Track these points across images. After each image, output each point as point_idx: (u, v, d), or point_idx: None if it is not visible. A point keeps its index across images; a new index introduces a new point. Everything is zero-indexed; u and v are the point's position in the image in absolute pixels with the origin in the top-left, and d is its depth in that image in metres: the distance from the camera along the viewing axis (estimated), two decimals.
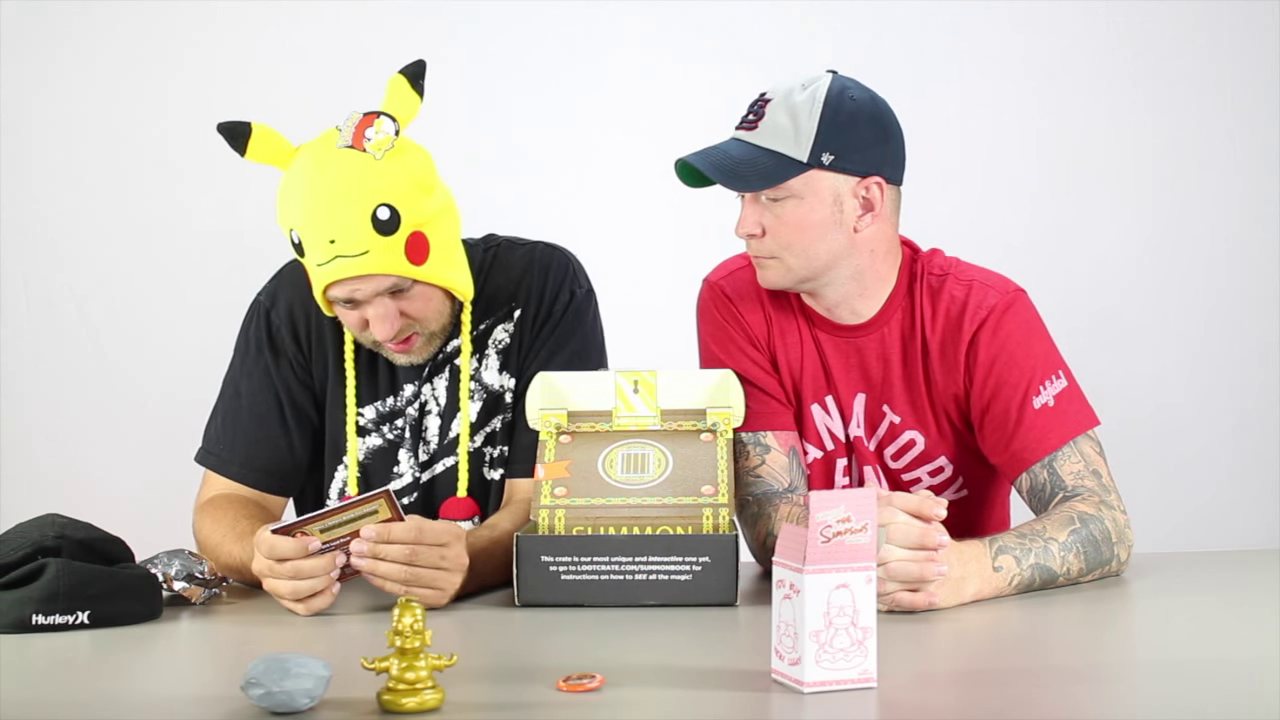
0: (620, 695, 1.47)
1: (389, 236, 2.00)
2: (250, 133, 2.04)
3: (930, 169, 3.37)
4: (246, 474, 2.17)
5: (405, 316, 2.07)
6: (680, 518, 1.92)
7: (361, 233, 1.99)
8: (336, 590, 1.87)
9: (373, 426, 2.18)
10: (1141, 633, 1.87)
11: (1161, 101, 3.63)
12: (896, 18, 3.59)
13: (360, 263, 2.00)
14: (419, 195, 2.04)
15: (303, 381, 2.19)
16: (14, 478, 3.47)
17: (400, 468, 2.19)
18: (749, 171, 2.03)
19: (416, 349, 2.12)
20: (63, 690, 1.57)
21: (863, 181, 2.05)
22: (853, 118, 2.03)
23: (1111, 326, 3.61)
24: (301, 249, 2.04)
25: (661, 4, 3.59)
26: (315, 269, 2.03)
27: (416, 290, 2.07)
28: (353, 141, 2.01)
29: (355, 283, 2.02)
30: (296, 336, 2.19)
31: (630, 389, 2.07)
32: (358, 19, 3.50)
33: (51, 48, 3.49)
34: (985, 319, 2.08)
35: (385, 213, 2.00)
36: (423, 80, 2.07)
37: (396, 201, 2.01)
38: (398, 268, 2.02)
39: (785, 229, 2.05)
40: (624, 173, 3.57)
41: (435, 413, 2.18)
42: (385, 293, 2.04)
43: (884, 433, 2.15)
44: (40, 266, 3.51)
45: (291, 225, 2.04)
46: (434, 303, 2.10)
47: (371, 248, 2.00)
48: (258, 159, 2.06)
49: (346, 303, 2.06)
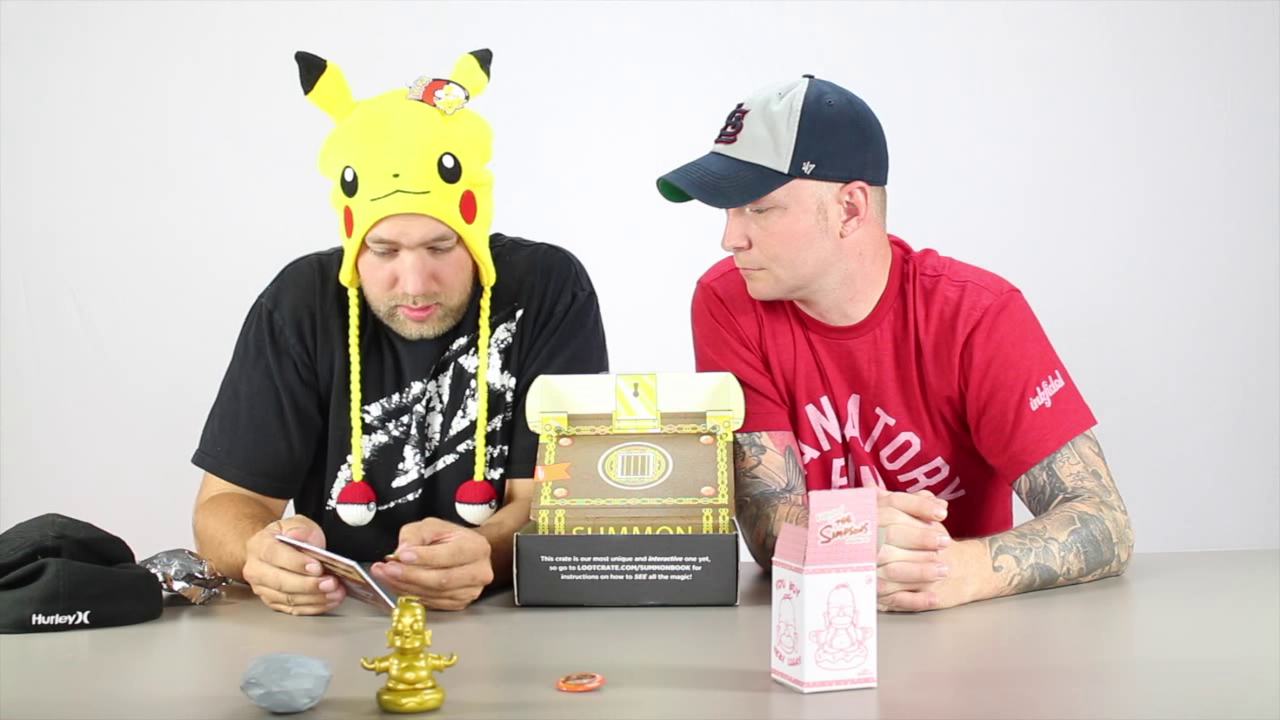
0: (620, 695, 1.47)
1: (450, 185, 2.03)
2: (324, 70, 2.07)
3: (927, 169, 3.40)
4: (245, 477, 2.17)
5: (434, 281, 2.07)
6: (680, 518, 1.92)
7: (426, 173, 2.02)
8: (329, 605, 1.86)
9: (378, 424, 2.18)
10: (1141, 633, 1.87)
11: (1158, 101, 3.63)
12: (895, 18, 3.59)
13: (420, 201, 2.01)
14: (479, 159, 2.09)
15: (306, 382, 2.19)
16: (14, 478, 3.47)
17: (405, 464, 2.19)
18: (730, 187, 2.02)
19: (432, 322, 2.11)
20: (63, 690, 1.57)
21: (846, 187, 2.04)
22: (831, 124, 2.02)
23: (1110, 326, 3.61)
24: (355, 185, 2.03)
25: (661, 5, 3.59)
26: (369, 204, 2.02)
27: (454, 255, 2.08)
28: (423, 97, 2.05)
29: (408, 221, 2.02)
30: (301, 336, 2.18)
31: (630, 392, 2.07)
32: (358, 23, 3.50)
33: (52, 49, 3.49)
34: (980, 320, 2.08)
35: (450, 161, 2.03)
36: (489, 65, 2.14)
37: (461, 155, 2.05)
38: (452, 218, 2.04)
39: (771, 240, 2.04)
40: (623, 174, 3.56)
41: (438, 410, 2.18)
42: (428, 244, 2.04)
43: (879, 434, 2.15)
44: (40, 266, 3.51)
45: (347, 162, 2.04)
46: (463, 275, 2.10)
47: (433, 189, 2.02)
48: (319, 101, 2.08)
49: (386, 251, 2.05)
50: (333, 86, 2.07)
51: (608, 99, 3.60)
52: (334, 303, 2.18)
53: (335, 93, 2.07)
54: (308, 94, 2.08)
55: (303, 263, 2.23)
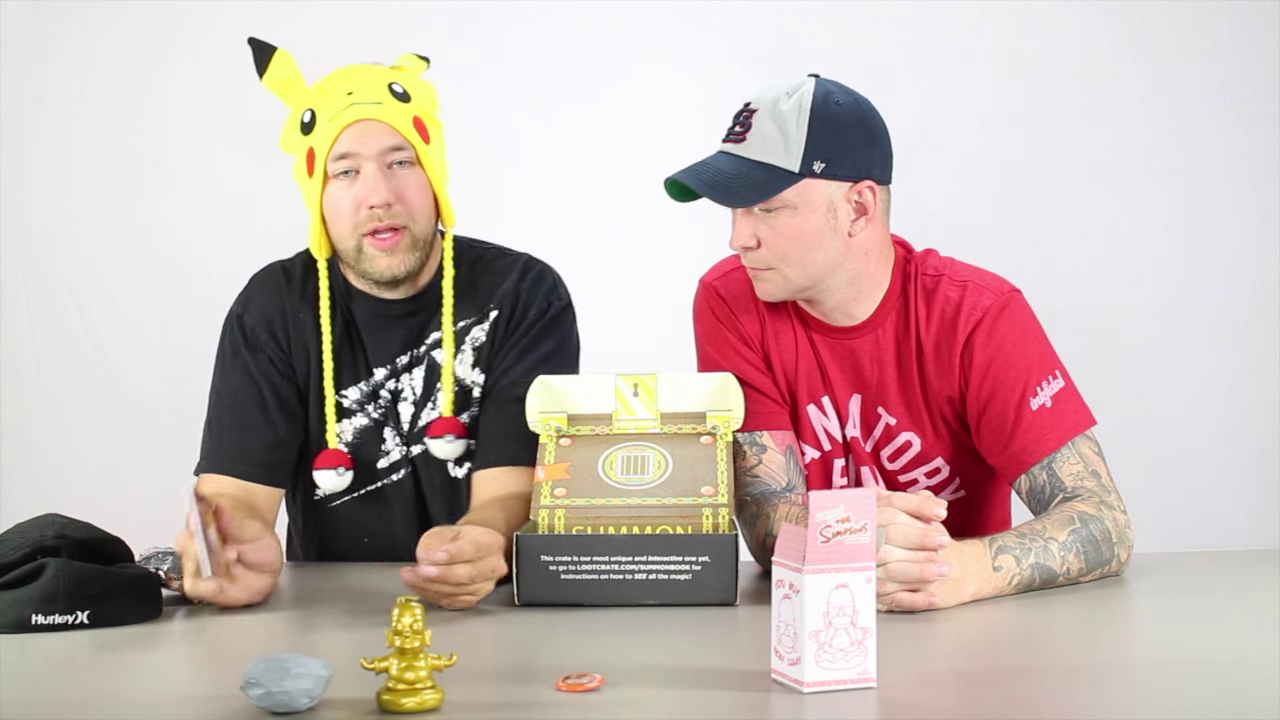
0: (620, 695, 1.47)
1: (402, 104, 2.14)
2: (274, 54, 2.17)
3: (929, 168, 3.40)
4: (234, 466, 2.17)
5: (399, 201, 2.12)
6: (680, 517, 1.92)
7: (378, 90, 2.14)
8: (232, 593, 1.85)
9: (358, 407, 2.21)
10: (1141, 633, 1.87)
11: (1161, 101, 3.63)
12: (895, 17, 3.59)
13: (375, 109, 2.11)
14: (428, 103, 2.19)
15: (284, 375, 2.21)
16: (14, 478, 3.47)
17: (386, 445, 2.22)
18: (741, 186, 2.02)
19: (399, 252, 2.13)
20: (63, 690, 1.57)
21: (855, 186, 2.04)
22: (840, 123, 2.02)
23: (1110, 326, 3.61)
24: (313, 120, 2.13)
25: (651, 6, 3.58)
26: (326, 124, 2.11)
27: (414, 175, 2.14)
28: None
29: (365, 128, 2.10)
30: (273, 333, 2.22)
31: (630, 392, 2.07)
32: (358, 23, 3.50)
33: (52, 49, 3.49)
34: (980, 320, 2.08)
35: (399, 88, 2.16)
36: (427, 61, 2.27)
37: (410, 89, 2.17)
38: (406, 129, 2.12)
39: (781, 240, 2.04)
40: (623, 174, 3.57)
41: (410, 400, 2.21)
42: (386, 156, 2.11)
43: (880, 434, 2.15)
44: (40, 266, 3.51)
45: (306, 107, 2.14)
46: (425, 200, 2.16)
47: (385, 101, 2.13)
48: (273, 86, 2.18)
49: (348, 172, 2.11)
50: (285, 70, 2.16)
51: (607, 99, 3.60)
52: (300, 296, 2.23)
53: (288, 77, 2.16)
54: (261, 78, 2.17)
55: (266, 269, 2.29)
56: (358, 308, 2.22)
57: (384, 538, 2.24)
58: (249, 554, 1.85)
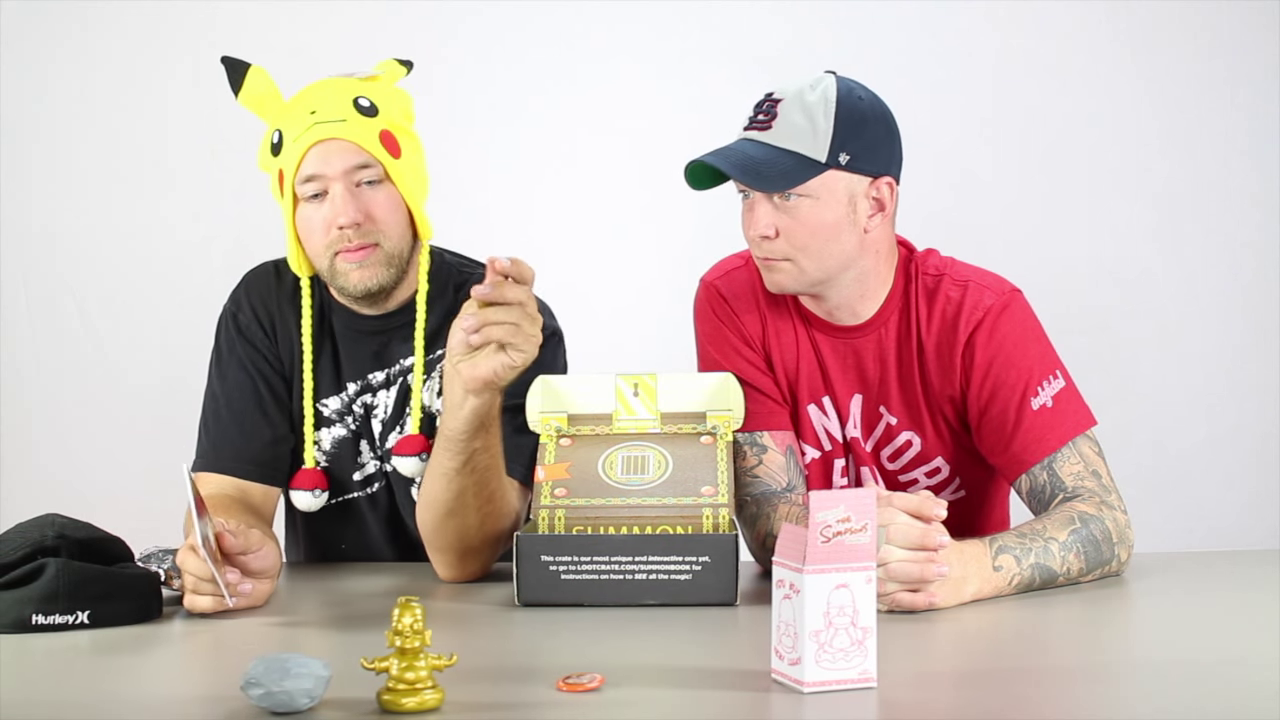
0: (620, 695, 1.47)
1: (368, 119, 2.08)
2: (248, 71, 2.14)
3: (930, 168, 3.39)
4: (232, 465, 2.17)
5: (368, 219, 2.09)
6: (680, 517, 1.92)
7: (342, 107, 2.09)
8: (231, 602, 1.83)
9: (337, 417, 2.21)
10: (1141, 633, 1.87)
11: (1162, 100, 3.63)
12: (896, 18, 3.59)
13: (337, 127, 2.08)
14: (400, 114, 2.14)
15: (278, 371, 2.21)
16: (14, 478, 3.47)
17: (362, 458, 2.22)
18: (771, 171, 2.01)
19: (372, 266, 2.11)
20: (63, 690, 1.57)
21: (875, 182, 2.04)
22: (864, 117, 2.03)
23: (1110, 326, 3.61)
24: (280, 142, 2.10)
25: (651, 6, 3.59)
26: (291, 145, 2.08)
27: (384, 192, 2.10)
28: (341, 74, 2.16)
29: (327, 148, 2.07)
30: (264, 329, 2.22)
31: (630, 392, 2.07)
32: (357, 24, 3.50)
33: (52, 49, 3.50)
34: (981, 320, 2.08)
35: (366, 101, 2.10)
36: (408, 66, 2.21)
37: (378, 101, 2.11)
38: (371, 146, 2.08)
39: (801, 230, 2.03)
40: (623, 174, 3.57)
41: (380, 419, 2.21)
42: (352, 175, 2.08)
43: (880, 434, 2.15)
44: (40, 266, 3.51)
45: (275, 127, 2.11)
46: (398, 216, 2.12)
47: (349, 119, 2.08)
48: (248, 103, 2.15)
49: (317, 194, 2.08)
50: (260, 86, 2.13)
51: (607, 99, 3.60)
52: (289, 297, 2.22)
53: (263, 92, 2.13)
54: (237, 96, 2.15)
55: (258, 268, 2.28)
56: (336, 320, 2.22)
57: (360, 548, 2.24)
58: (249, 563, 1.85)
